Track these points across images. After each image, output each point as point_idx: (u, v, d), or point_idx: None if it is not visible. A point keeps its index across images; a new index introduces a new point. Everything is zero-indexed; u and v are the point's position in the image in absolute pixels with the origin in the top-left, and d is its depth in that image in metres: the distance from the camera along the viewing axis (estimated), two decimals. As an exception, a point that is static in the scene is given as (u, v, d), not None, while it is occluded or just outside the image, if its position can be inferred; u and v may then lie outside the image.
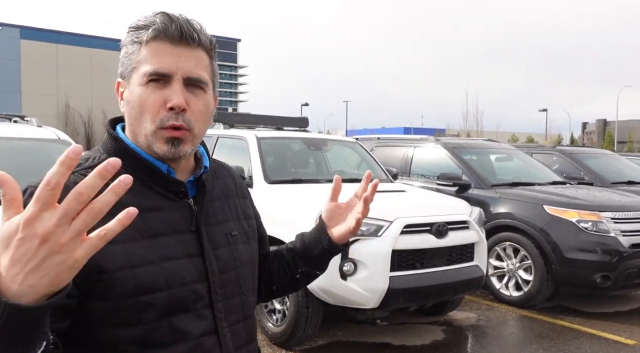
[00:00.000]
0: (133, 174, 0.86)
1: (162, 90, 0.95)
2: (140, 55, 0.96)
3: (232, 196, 1.17)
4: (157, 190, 1.00)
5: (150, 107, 0.95)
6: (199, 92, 0.99)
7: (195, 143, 1.02)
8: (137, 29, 0.97)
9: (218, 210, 1.09)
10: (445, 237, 4.00)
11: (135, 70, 0.97)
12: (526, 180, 6.25)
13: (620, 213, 5.17)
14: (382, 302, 3.70)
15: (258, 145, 4.87)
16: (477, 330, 4.63)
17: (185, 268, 0.98)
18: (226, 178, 1.19)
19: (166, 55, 0.95)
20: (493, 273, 5.48)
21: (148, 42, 0.96)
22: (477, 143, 7.35)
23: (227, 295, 1.04)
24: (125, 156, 0.96)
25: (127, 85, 0.99)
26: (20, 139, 3.85)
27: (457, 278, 4.03)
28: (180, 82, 0.96)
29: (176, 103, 0.94)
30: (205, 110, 1.01)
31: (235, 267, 1.07)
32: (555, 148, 8.63)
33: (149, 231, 0.95)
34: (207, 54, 1.01)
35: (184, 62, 0.96)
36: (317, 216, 3.91)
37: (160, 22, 0.95)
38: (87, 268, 0.77)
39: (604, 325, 4.81)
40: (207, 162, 1.10)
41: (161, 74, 0.95)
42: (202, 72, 0.99)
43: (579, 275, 4.96)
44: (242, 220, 1.16)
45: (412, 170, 6.67)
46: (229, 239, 1.08)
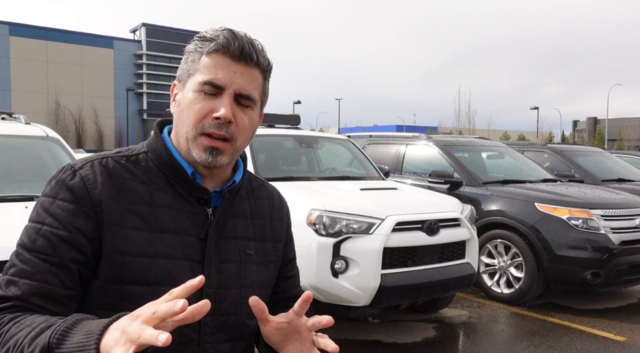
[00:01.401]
0: (163, 172, 1.04)
1: (213, 100, 0.99)
2: (200, 64, 1.01)
3: (262, 217, 1.15)
4: (179, 192, 1.02)
5: (197, 113, 0.99)
6: (247, 109, 1.02)
7: (235, 156, 1.04)
8: (202, 39, 1.02)
9: (239, 227, 1.09)
10: (436, 235, 4.00)
11: (192, 76, 1.01)
12: (517, 178, 6.27)
13: (610, 210, 5.21)
14: (374, 299, 3.70)
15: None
16: (469, 328, 4.65)
17: (181, 271, 0.97)
18: (262, 199, 1.17)
19: (224, 69, 0.99)
20: (484, 271, 5.49)
21: (209, 53, 1.00)
22: (468, 141, 7.36)
23: (222, 311, 1.02)
24: (160, 154, 1.04)
25: (182, 88, 1.04)
26: (8, 136, 3.80)
27: (448, 276, 4.04)
28: (231, 96, 0.99)
29: (223, 114, 0.98)
30: (250, 127, 1.04)
31: (238, 285, 1.05)
32: (546, 146, 8.67)
33: (157, 225, 0.98)
34: (262, 75, 1.05)
35: (239, 78, 1.00)
36: (307, 214, 3.89)
37: (224, 37, 1.00)
38: (94, 240, 0.94)
39: (594, 321, 4.84)
40: (239, 177, 1.11)
41: (215, 85, 0.99)
42: (253, 90, 1.02)
43: (570, 272, 4.99)
44: (268, 243, 1.14)
45: (404, 167, 6.68)
46: (241, 256, 1.07)
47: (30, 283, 0.90)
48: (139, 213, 0.97)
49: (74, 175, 0.97)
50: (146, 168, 1.03)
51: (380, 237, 3.73)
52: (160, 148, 1.05)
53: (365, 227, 3.75)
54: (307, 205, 3.84)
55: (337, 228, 3.72)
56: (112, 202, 0.95)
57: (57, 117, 49.55)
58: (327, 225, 3.73)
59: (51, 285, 0.91)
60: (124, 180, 0.99)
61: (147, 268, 0.94)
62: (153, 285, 0.94)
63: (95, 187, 0.96)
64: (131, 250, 0.94)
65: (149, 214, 0.98)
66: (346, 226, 3.73)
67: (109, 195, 0.96)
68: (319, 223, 3.73)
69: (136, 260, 0.94)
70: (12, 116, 4.35)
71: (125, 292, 0.93)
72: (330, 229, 3.72)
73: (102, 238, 0.94)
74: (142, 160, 1.04)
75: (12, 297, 0.89)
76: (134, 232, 0.96)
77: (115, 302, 0.93)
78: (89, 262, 0.94)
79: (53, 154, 3.88)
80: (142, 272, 0.94)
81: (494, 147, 7.25)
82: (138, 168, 1.02)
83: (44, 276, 0.90)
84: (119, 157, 1.03)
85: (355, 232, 3.74)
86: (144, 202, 0.98)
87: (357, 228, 3.75)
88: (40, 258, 0.91)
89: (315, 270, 3.66)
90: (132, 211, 0.97)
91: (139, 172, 1.02)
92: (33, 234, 0.93)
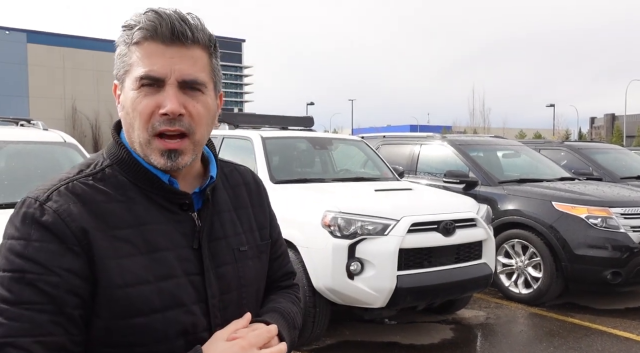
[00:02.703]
0: (135, 184, 0.93)
1: (156, 94, 0.88)
2: (131, 57, 0.90)
3: (244, 206, 1.08)
4: (158, 202, 0.93)
5: (142, 113, 0.89)
6: (196, 94, 0.91)
7: (197, 151, 0.95)
8: (127, 28, 0.90)
9: (226, 223, 1.02)
10: (452, 235, 3.97)
11: (128, 73, 0.91)
12: (534, 177, 6.20)
13: (630, 208, 5.12)
14: (390, 301, 3.68)
15: (263, 145, 4.87)
16: (486, 329, 4.60)
17: (183, 289, 0.91)
18: (239, 186, 1.10)
19: (158, 56, 0.88)
20: (502, 271, 5.44)
21: (138, 43, 0.89)
22: (483, 140, 7.30)
23: (228, 317, 0.97)
24: (127, 164, 0.93)
25: (122, 88, 0.93)
26: (27, 142, 3.87)
27: (465, 277, 4.01)
28: (175, 85, 0.88)
29: (170, 109, 0.87)
30: (205, 113, 0.93)
31: (239, 286, 1.00)
32: (563, 143, 8.56)
33: (148, 246, 0.89)
34: (205, 51, 0.93)
35: (178, 64, 0.88)
36: (322, 216, 3.89)
37: (148, 20, 0.88)
38: (87, 279, 0.84)
39: (615, 322, 4.76)
40: (214, 171, 1.02)
41: (153, 78, 0.88)
42: (199, 73, 0.91)
43: (589, 271, 4.91)
44: (256, 232, 1.08)
45: (419, 168, 6.64)
46: (236, 255, 1.01)
47: (37, 341, 0.78)
48: (125, 238, 0.87)
49: (43, 210, 0.84)
50: (116, 183, 0.92)
51: (395, 238, 3.71)
52: (126, 157, 0.94)
53: (380, 228, 3.74)
54: (322, 207, 3.84)
55: (352, 229, 3.71)
56: (95, 233, 0.85)
57: (74, 122, 50.23)
58: (342, 226, 3.72)
59: (58, 336, 0.80)
60: (99, 204, 0.88)
61: (150, 295, 0.87)
62: (160, 311, 0.88)
63: (73, 218, 0.84)
64: (129, 280, 0.85)
65: (136, 236, 0.88)
66: (361, 227, 3.72)
67: (89, 225, 0.85)
68: (333, 225, 3.73)
69: (137, 290, 0.86)
70: (30, 122, 4.42)
71: (133, 325, 0.86)
72: (345, 231, 3.71)
73: (96, 274, 0.84)
74: (110, 175, 0.92)
75: None
76: (127, 260, 0.86)
77: (123, 337, 0.86)
78: (87, 303, 0.84)
79: (71, 160, 3.93)
80: (146, 300, 0.86)
81: (509, 146, 7.18)
82: (108, 185, 0.91)
83: (47, 329, 0.79)
84: (84, 178, 0.91)
85: (370, 233, 3.72)
86: (126, 224, 0.88)
87: (372, 229, 3.73)
88: (36, 310, 0.79)
89: (331, 272, 3.65)
90: (117, 238, 0.87)
91: (111, 190, 0.91)
92: (14, 285, 0.79)
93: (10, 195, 3.26)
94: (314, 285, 3.77)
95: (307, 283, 3.79)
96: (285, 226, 4.01)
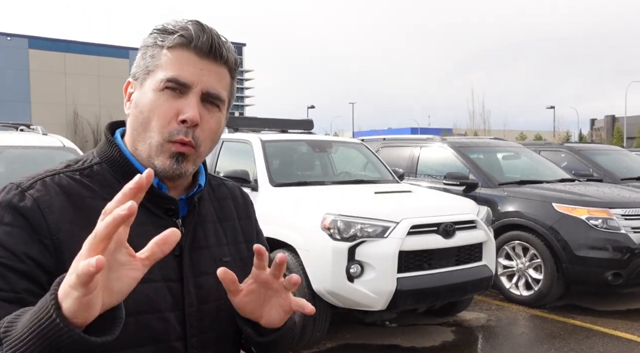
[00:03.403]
0: (121, 183, 0.86)
1: (177, 100, 0.89)
2: (161, 59, 0.90)
3: (229, 218, 1.07)
4: (144, 205, 0.89)
5: (161, 116, 0.89)
6: (214, 109, 0.93)
7: (198, 163, 0.95)
8: (163, 31, 0.91)
9: (210, 233, 1.00)
10: (452, 237, 3.97)
11: (152, 73, 0.91)
12: (534, 178, 6.19)
13: (630, 209, 5.11)
14: (390, 303, 3.67)
15: (263, 148, 4.87)
16: (488, 331, 4.59)
17: (160, 294, 0.89)
18: (225, 199, 1.09)
19: (189, 65, 0.90)
20: (502, 273, 5.43)
21: (173, 47, 0.90)
22: (483, 142, 7.30)
23: (204, 328, 0.94)
24: (116, 163, 0.93)
25: (139, 86, 0.93)
26: (26, 147, 3.88)
27: (465, 279, 4.00)
28: (198, 95, 0.90)
29: (190, 116, 0.88)
30: (216, 130, 0.95)
31: (218, 297, 0.96)
32: (563, 145, 8.56)
33: None
34: (229, 72, 0.96)
35: (207, 76, 0.91)
36: (321, 219, 3.88)
37: (190, 30, 0.90)
38: (51, 274, 0.79)
39: (616, 323, 4.75)
40: (203, 180, 1.01)
41: (180, 83, 0.89)
42: (221, 90, 0.93)
43: (590, 273, 4.91)
44: (241, 244, 1.06)
45: (419, 170, 6.64)
46: (218, 265, 0.95)
47: None
48: None
49: (23, 197, 0.83)
50: (104, 181, 0.92)
51: (395, 241, 3.70)
52: (117, 157, 0.93)
53: (380, 230, 3.74)
54: (322, 210, 3.84)
55: (351, 232, 3.71)
56: (73, 228, 0.83)
57: (76, 127, 50.38)
58: (342, 229, 3.72)
59: None
60: (83, 199, 0.87)
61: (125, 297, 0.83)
62: (134, 314, 0.83)
63: (52, 210, 0.83)
64: None
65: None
66: (361, 230, 3.72)
67: (68, 219, 0.83)
68: (333, 227, 3.73)
69: None
70: (29, 127, 4.44)
71: None
72: (345, 233, 3.71)
73: (63, 270, 0.75)
74: (98, 172, 0.92)
75: None
76: None
77: None
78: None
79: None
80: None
81: (509, 148, 7.18)
82: (95, 182, 0.91)
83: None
84: (71, 172, 0.90)
85: (370, 235, 3.72)
86: None
87: (372, 232, 3.73)
88: None
89: (331, 274, 3.65)
90: None
91: (97, 187, 0.90)
92: None
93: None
94: (314, 288, 3.76)
95: (307, 286, 3.78)
96: (284, 229, 4.03)
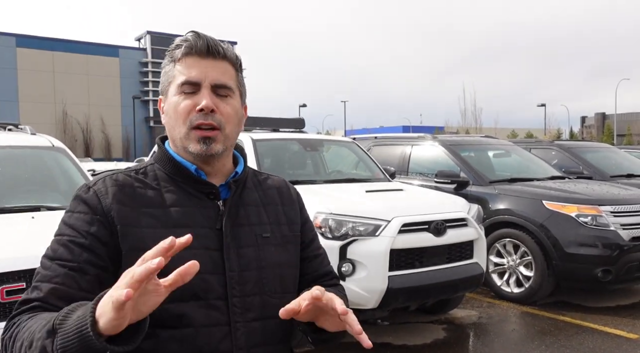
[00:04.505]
0: (170, 177, 1.14)
1: (194, 97, 1.09)
2: (174, 71, 1.12)
3: (273, 203, 1.22)
4: (189, 191, 1.11)
5: (182, 112, 1.09)
6: (226, 97, 1.12)
7: (227, 144, 1.13)
8: (172, 50, 1.13)
9: (252, 213, 1.16)
10: (443, 235, 3.98)
11: (171, 84, 1.12)
12: (525, 176, 6.23)
13: (619, 206, 5.15)
14: (382, 302, 3.68)
15: (254, 147, 4.86)
16: (479, 328, 4.61)
17: (199, 259, 0.95)
18: (270, 189, 1.25)
19: (195, 67, 1.09)
20: (493, 270, 5.45)
21: (180, 58, 1.10)
22: (474, 140, 7.33)
23: (247, 292, 1.08)
24: (164, 160, 1.15)
25: (165, 99, 1.15)
26: (14, 147, 3.83)
27: (457, 276, 4.01)
28: (209, 88, 1.09)
29: (205, 104, 1.07)
30: (233, 114, 1.13)
31: (259, 266, 1.11)
32: (553, 143, 8.61)
33: (170, 222, 1.07)
34: (232, 66, 1.14)
35: (211, 72, 1.10)
36: (313, 217, 3.86)
37: (189, 39, 1.10)
38: (109, 244, 1.04)
39: (605, 319, 4.79)
40: (241, 168, 1.20)
41: (191, 82, 1.09)
42: (228, 80, 1.12)
43: (580, 269, 4.94)
44: (283, 225, 1.21)
45: (410, 168, 6.65)
46: (258, 240, 1.14)
47: (49, 286, 0.99)
48: (151, 214, 1.07)
49: (88, 190, 1.09)
50: (154, 176, 1.13)
51: (386, 239, 3.71)
52: (164, 156, 1.15)
53: (372, 229, 3.74)
54: (313, 209, 3.83)
55: (343, 231, 3.71)
56: (123, 208, 1.06)
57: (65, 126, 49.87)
58: (333, 228, 3.71)
59: (68, 287, 0.99)
60: (135, 188, 1.10)
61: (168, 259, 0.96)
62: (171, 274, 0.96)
63: (107, 197, 1.06)
64: (148, 245, 0.92)
65: (160, 214, 1.07)
66: (352, 229, 3.72)
67: (120, 202, 1.06)
68: (324, 226, 3.72)
69: None
70: (18, 127, 4.38)
71: None
72: (337, 232, 3.71)
73: (118, 241, 1.03)
74: (150, 171, 1.15)
75: (34, 299, 0.99)
76: (149, 229, 1.04)
77: None
78: (106, 265, 1.03)
79: (59, 164, 3.90)
80: None
81: (500, 146, 7.21)
82: (147, 178, 1.13)
83: (62, 279, 1.00)
84: (128, 171, 1.14)
85: (361, 234, 3.72)
86: (155, 205, 1.08)
87: (363, 230, 3.73)
88: (60, 264, 1.01)
89: (322, 273, 3.64)
90: (144, 213, 1.06)
91: (148, 181, 1.12)
92: (55, 245, 1.05)
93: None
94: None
95: (299, 285, 3.78)
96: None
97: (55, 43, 52.88)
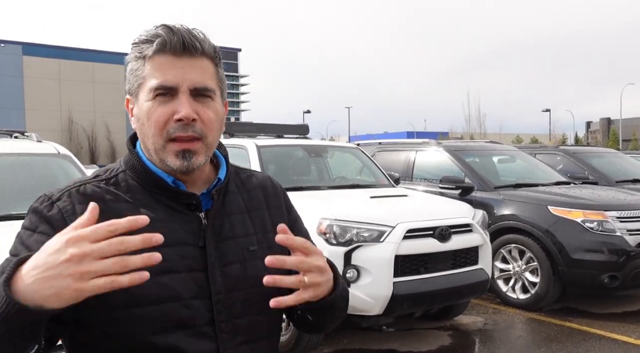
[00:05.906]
0: (144, 188, 1.01)
1: (170, 103, 0.95)
2: (145, 70, 0.96)
3: (258, 208, 1.10)
4: (166, 203, 0.99)
5: (158, 121, 0.95)
6: (207, 101, 0.98)
7: (209, 153, 1.01)
8: (139, 43, 0.97)
9: (236, 224, 1.05)
10: (448, 241, 3.96)
11: (141, 86, 0.97)
12: (530, 181, 6.21)
13: (625, 212, 5.12)
14: (387, 308, 3.67)
15: (258, 153, 4.87)
16: (484, 334, 4.58)
17: (183, 284, 0.94)
18: (254, 190, 1.13)
19: (170, 68, 0.95)
20: (499, 276, 5.43)
21: (151, 56, 0.95)
22: (479, 145, 7.32)
23: (235, 314, 0.99)
24: (137, 169, 1.01)
25: (135, 101, 1.00)
26: (20, 154, 3.85)
27: (462, 282, 4.00)
28: (187, 93, 0.95)
29: (184, 114, 0.94)
30: (215, 118, 1.00)
31: (247, 285, 1.01)
32: (558, 148, 8.59)
33: None
34: (211, 62, 1.00)
35: (189, 73, 0.95)
36: (317, 223, 3.88)
37: (160, 35, 0.95)
38: None
39: (612, 326, 4.75)
40: (223, 174, 1.06)
41: (167, 87, 0.95)
42: (208, 81, 0.98)
43: (586, 275, 4.91)
44: (270, 233, 1.07)
45: (415, 174, 6.65)
46: (245, 255, 1.03)
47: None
48: (127, 233, 0.87)
49: (52, 207, 0.94)
50: (126, 187, 0.99)
51: (391, 245, 3.70)
52: (136, 163, 1.01)
53: (376, 235, 3.73)
54: (317, 215, 3.84)
55: (347, 237, 3.71)
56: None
57: (71, 133, 50.23)
58: (338, 234, 3.71)
59: None
60: (106, 202, 0.95)
61: (148, 288, 0.87)
62: (156, 303, 0.91)
63: (73, 218, 0.88)
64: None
65: (138, 233, 0.86)
66: (357, 235, 3.71)
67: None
68: (329, 232, 3.72)
69: None
70: (24, 134, 4.41)
71: (132, 315, 0.91)
72: (341, 238, 3.70)
73: None
74: (122, 180, 1.00)
75: None
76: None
77: (123, 327, 0.91)
78: None
79: (65, 171, 3.92)
80: (143, 293, 0.89)
81: (505, 151, 7.19)
82: (119, 188, 0.99)
83: None
84: (97, 182, 0.99)
85: (366, 240, 3.72)
86: None
87: (368, 236, 3.73)
88: None
89: (327, 279, 3.64)
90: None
91: (120, 192, 0.98)
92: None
93: (4, 208, 3.24)
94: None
95: (304, 291, 3.77)
96: (280, 234, 4.02)
97: (62, 51, 53.36)
